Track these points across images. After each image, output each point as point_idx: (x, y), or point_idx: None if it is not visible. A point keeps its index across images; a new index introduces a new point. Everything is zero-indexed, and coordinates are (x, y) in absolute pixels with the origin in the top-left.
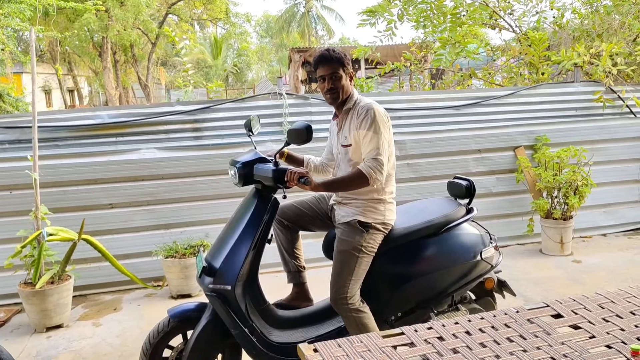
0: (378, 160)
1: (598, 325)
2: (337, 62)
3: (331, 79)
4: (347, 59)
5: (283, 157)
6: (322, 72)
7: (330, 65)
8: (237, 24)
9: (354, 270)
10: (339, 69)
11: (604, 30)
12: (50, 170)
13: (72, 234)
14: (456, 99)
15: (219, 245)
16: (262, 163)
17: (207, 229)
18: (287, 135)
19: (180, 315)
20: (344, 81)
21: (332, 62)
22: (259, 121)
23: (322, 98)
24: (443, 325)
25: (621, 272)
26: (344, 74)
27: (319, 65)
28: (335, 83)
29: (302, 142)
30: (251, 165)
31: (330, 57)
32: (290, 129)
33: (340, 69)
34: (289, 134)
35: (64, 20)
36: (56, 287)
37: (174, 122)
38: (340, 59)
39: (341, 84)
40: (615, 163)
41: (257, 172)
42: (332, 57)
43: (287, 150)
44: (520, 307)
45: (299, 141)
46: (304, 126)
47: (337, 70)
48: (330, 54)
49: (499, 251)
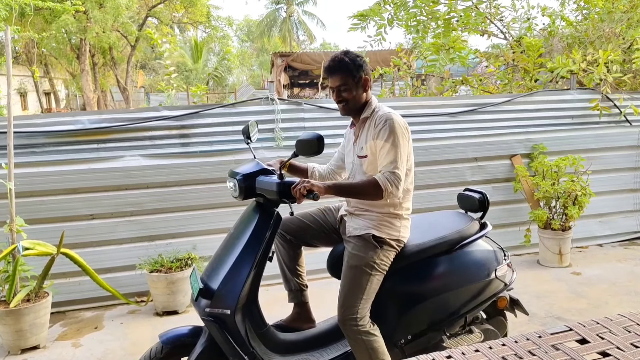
0: (395, 174)
1: (628, 351)
2: (345, 72)
3: (339, 91)
4: (357, 66)
5: (285, 167)
6: (331, 83)
7: (337, 75)
8: (218, 28)
9: (365, 289)
10: (348, 79)
11: (596, 37)
12: (27, 179)
13: (50, 247)
14: (452, 105)
15: (217, 264)
16: (265, 175)
17: (195, 241)
18: (296, 146)
19: (174, 341)
20: (355, 91)
21: (339, 72)
22: (258, 127)
23: (315, 104)
24: (463, 353)
25: (623, 284)
26: (353, 83)
27: (328, 75)
28: (343, 95)
29: (312, 154)
30: (253, 177)
31: (336, 66)
32: (300, 140)
33: (350, 78)
34: (297, 145)
35: (41, 21)
36: (32, 306)
37: (160, 128)
38: (348, 68)
39: (351, 95)
40: (611, 172)
41: (260, 185)
42: (339, 66)
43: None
44: (543, 332)
45: (309, 153)
46: (315, 137)
47: (346, 81)
48: (336, 63)
49: (512, 268)
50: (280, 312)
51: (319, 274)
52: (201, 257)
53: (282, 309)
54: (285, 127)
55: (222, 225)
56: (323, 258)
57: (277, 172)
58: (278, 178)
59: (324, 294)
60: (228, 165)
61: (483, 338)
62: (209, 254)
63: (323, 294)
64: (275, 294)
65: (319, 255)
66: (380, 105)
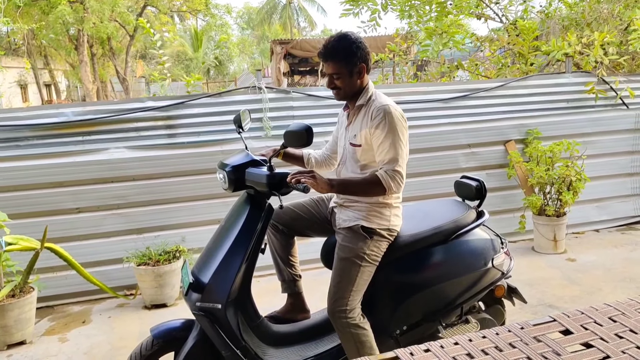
0: (399, 173)
1: (612, 342)
2: (338, 59)
3: (332, 78)
4: (352, 53)
5: (279, 155)
6: (325, 69)
7: (330, 62)
8: (218, 16)
9: (355, 280)
10: (342, 67)
11: (593, 19)
12: (10, 173)
13: (34, 242)
14: (444, 91)
15: (208, 257)
16: (255, 166)
17: (183, 233)
18: (284, 138)
19: (165, 335)
20: (349, 78)
21: (332, 59)
22: (250, 115)
23: (303, 92)
24: (442, 346)
25: (618, 270)
26: (347, 72)
27: (321, 61)
28: (336, 82)
29: (301, 146)
30: (243, 168)
31: (329, 53)
32: (288, 131)
33: (343, 66)
34: (286, 136)
35: (38, 12)
36: (17, 301)
37: (146, 119)
38: (342, 55)
39: (344, 83)
40: (608, 156)
41: (250, 177)
42: (332, 53)
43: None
44: (525, 323)
45: (297, 144)
46: (303, 128)
47: (339, 70)
48: (329, 50)
49: (510, 256)
50: (274, 303)
51: (313, 264)
52: (190, 249)
53: (275, 300)
54: (273, 117)
55: (210, 217)
56: (316, 248)
57: (267, 164)
58: (268, 170)
59: (318, 284)
60: (215, 155)
61: (480, 327)
62: (198, 246)
63: (317, 284)
64: (268, 284)
65: (313, 245)
66: (377, 93)
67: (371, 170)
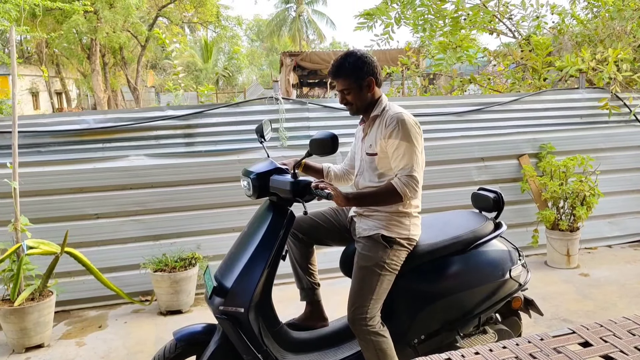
0: (413, 178)
1: (631, 355)
2: (346, 76)
3: (343, 94)
4: (359, 68)
5: (300, 167)
6: (336, 87)
7: (339, 80)
8: (228, 28)
9: (375, 289)
10: (351, 83)
11: (606, 35)
12: (32, 178)
13: (54, 246)
14: (457, 104)
15: (230, 263)
16: (279, 174)
17: (199, 241)
18: (310, 146)
19: (188, 338)
20: (359, 94)
21: (341, 76)
22: (271, 125)
23: (319, 103)
24: (462, 355)
25: (632, 286)
26: (356, 87)
27: (332, 79)
28: (347, 98)
29: (326, 154)
30: (267, 176)
31: (337, 71)
32: (314, 139)
33: (352, 82)
34: (311, 144)
35: (52, 22)
36: (36, 304)
37: (165, 128)
38: (349, 72)
39: (355, 98)
40: (620, 172)
41: (274, 184)
42: (340, 71)
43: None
44: (545, 334)
45: (322, 152)
46: (329, 136)
47: (349, 85)
48: (337, 68)
49: (527, 268)
50: (292, 311)
51: (328, 274)
52: (205, 256)
53: (294, 308)
54: (289, 127)
55: (226, 225)
56: (331, 257)
57: (290, 172)
58: (292, 177)
59: (333, 294)
60: (232, 164)
61: (497, 338)
62: (214, 253)
63: (332, 294)
64: (287, 292)
65: (331, 254)
66: (390, 104)
67: (388, 179)
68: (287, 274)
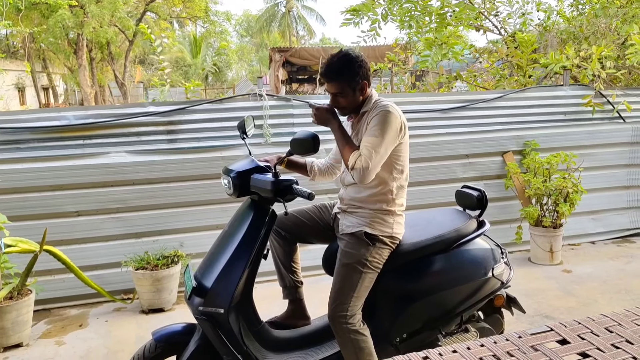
0: (371, 152)
1: (608, 352)
2: (341, 80)
3: (336, 96)
4: (354, 72)
5: (283, 163)
6: (328, 89)
7: (334, 83)
8: (217, 23)
9: (357, 287)
10: (345, 87)
11: (591, 33)
12: (10, 175)
13: (33, 244)
14: (443, 101)
15: (211, 262)
16: (260, 172)
17: (182, 238)
18: (291, 145)
19: (167, 338)
20: (354, 96)
21: (335, 79)
22: (254, 121)
23: (303, 100)
24: (440, 354)
25: (614, 282)
26: (350, 90)
27: (324, 81)
28: (340, 100)
29: (307, 153)
30: (247, 175)
31: (331, 74)
32: (295, 139)
33: (346, 86)
34: (292, 144)
35: (38, 16)
36: (15, 303)
37: (147, 124)
38: (344, 75)
39: (348, 101)
40: (604, 169)
41: (255, 183)
42: (334, 74)
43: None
44: (523, 332)
45: (303, 152)
46: (310, 136)
47: (342, 89)
48: (331, 70)
49: (509, 266)
50: (276, 309)
51: (311, 271)
52: (188, 254)
53: (277, 306)
54: (273, 124)
55: (209, 222)
56: (314, 255)
57: (272, 170)
58: (273, 177)
59: (316, 291)
60: (215, 161)
61: (479, 336)
62: (196, 251)
63: (315, 291)
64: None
65: (315, 252)
66: (381, 98)
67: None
68: (270, 271)
